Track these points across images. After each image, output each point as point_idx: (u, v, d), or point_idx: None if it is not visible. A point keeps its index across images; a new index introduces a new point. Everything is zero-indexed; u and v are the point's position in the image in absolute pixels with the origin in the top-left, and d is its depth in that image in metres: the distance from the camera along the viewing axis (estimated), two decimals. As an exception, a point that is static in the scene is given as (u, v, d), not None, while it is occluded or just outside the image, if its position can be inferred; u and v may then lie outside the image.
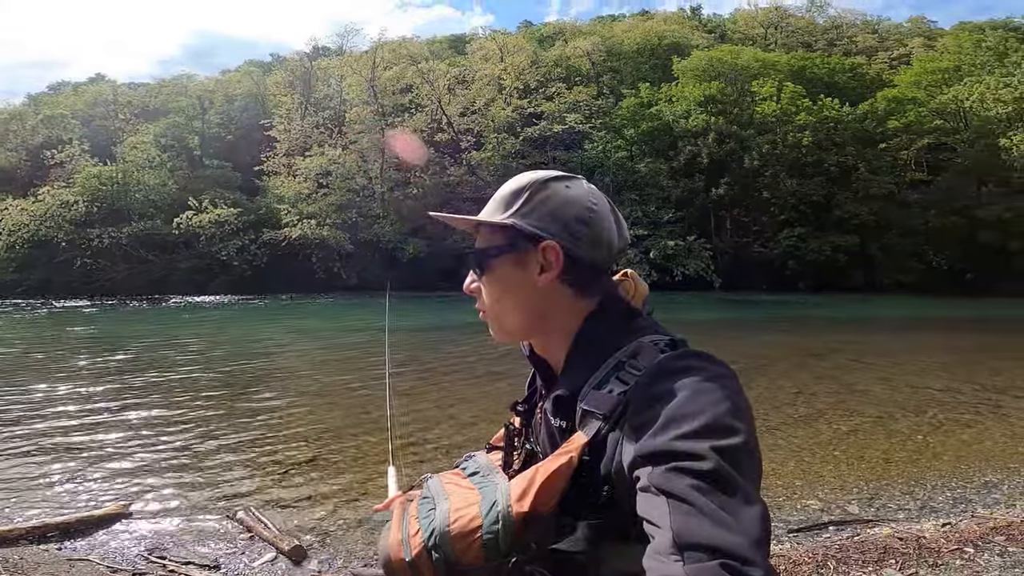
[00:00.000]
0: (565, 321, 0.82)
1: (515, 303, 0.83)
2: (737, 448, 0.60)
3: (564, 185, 0.83)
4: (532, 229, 0.80)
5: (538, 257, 0.80)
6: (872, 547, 2.69)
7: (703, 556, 0.51)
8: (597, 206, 0.83)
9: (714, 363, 0.71)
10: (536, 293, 0.81)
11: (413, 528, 0.80)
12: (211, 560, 2.96)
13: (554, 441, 0.79)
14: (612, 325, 0.80)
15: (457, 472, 0.91)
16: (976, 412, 5.91)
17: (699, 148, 33.23)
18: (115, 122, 39.26)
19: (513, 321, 0.84)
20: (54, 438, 5.00)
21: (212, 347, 11.13)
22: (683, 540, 0.53)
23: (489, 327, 0.88)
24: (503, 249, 0.82)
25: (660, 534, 0.55)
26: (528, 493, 0.72)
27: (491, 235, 0.84)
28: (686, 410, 0.62)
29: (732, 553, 0.51)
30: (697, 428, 0.60)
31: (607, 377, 0.74)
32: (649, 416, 0.64)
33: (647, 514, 0.58)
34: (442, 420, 5.55)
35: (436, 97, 36.11)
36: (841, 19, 52.76)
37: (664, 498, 0.57)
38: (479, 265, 0.85)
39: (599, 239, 0.82)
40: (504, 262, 0.82)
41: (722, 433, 0.60)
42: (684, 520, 0.54)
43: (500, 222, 0.82)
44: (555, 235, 0.79)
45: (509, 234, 0.82)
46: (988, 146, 31.00)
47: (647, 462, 0.61)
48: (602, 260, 0.83)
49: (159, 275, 31.23)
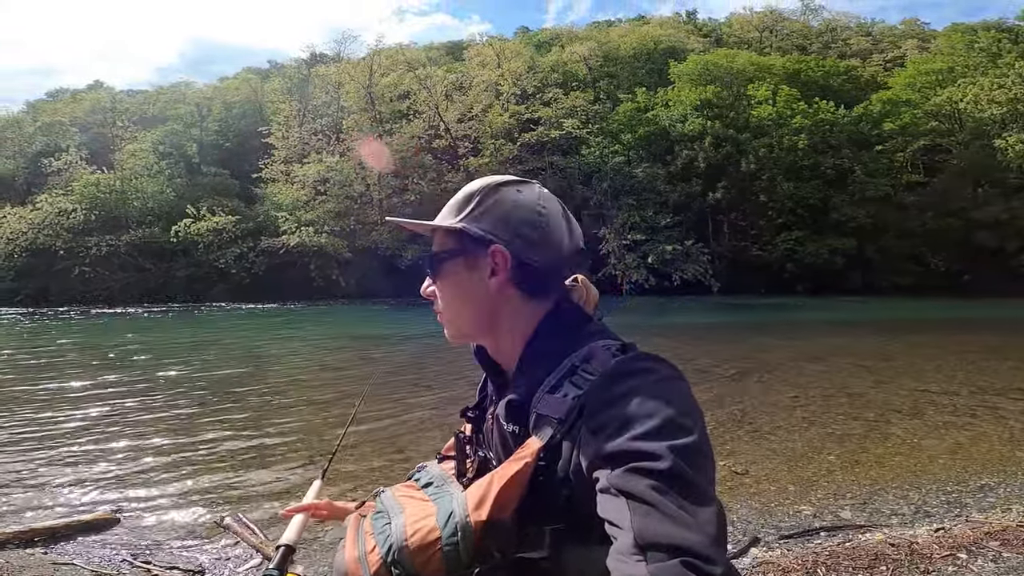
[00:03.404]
0: (516, 323, 0.83)
1: (467, 305, 0.85)
2: (692, 447, 0.61)
3: (515, 190, 0.85)
4: (480, 233, 0.81)
5: (488, 260, 0.81)
6: (863, 553, 2.66)
7: (664, 555, 0.52)
8: (546, 209, 0.84)
9: (665, 365, 0.72)
10: (487, 295, 0.82)
11: (369, 544, 0.78)
12: (196, 565, 2.94)
13: (507, 446, 0.79)
14: (565, 329, 0.81)
15: (410, 484, 0.89)
16: (973, 415, 5.87)
17: (696, 152, 33.33)
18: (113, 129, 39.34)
19: (466, 322, 0.86)
20: (43, 444, 4.97)
21: (204, 354, 11.10)
22: (644, 540, 0.54)
23: (444, 328, 0.89)
24: (455, 252, 0.84)
25: (622, 535, 0.56)
26: (485, 501, 0.71)
27: (444, 239, 0.86)
28: (641, 411, 0.64)
29: (693, 551, 0.52)
30: (653, 428, 0.61)
31: (561, 381, 0.74)
32: (605, 419, 0.65)
33: (608, 515, 0.59)
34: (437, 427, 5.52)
35: (433, 103, 36.22)
36: (835, 22, 53.17)
37: (624, 499, 0.57)
38: (432, 268, 0.87)
39: (548, 242, 0.83)
40: (456, 265, 0.84)
41: (677, 433, 0.61)
42: (644, 520, 0.55)
43: (450, 226, 0.84)
44: (503, 239, 0.80)
45: (460, 238, 0.83)
46: (983, 147, 31.16)
47: (605, 464, 0.62)
48: (552, 263, 0.83)
49: (157, 283, 31.23)
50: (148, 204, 33.19)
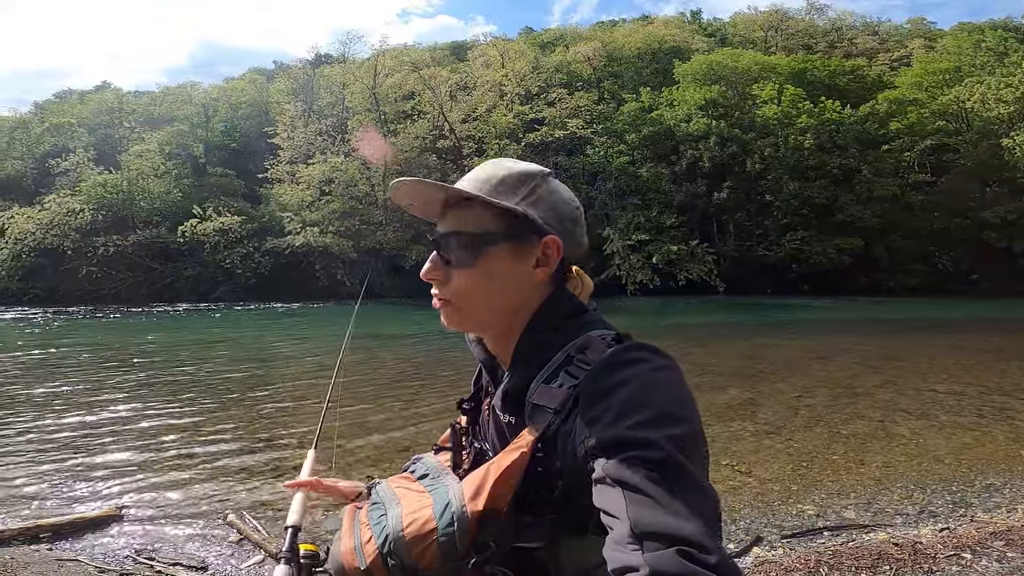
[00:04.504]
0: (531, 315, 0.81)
1: (500, 294, 0.79)
2: (686, 436, 0.61)
3: (558, 183, 0.85)
4: (541, 221, 0.78)
5: (538, 251, 0.78)
6: (867, 553, 2.64)
7: (661, 544, 0.52)
8: (581, 207, 0.85)
9: (659, 355, 0.71)
10: (526, 287, 0.79)
11: (365, 535, 0.78)
12: (199, 562, 2.96)
13: (503, 437, 0.79)
14: (561, 320, 0.80)
15: (406, 475, 0.90)
16: (980, 415, 5.83)
17: (701, 152, 33.18)
18: (120, 130, 39.59)
19: (489, 312, 0.80)
20: (47, 441, 5.01)
21: (210, 352, 11.15)
22: (640, 529, 0.54)
23: (445, 313, 0.82)
24: (506, 236, 0.78)
25: (618, 524, 0.56)
26: (482, 491, 0.71)
27: (487, 218, 0.78)
28: (637, 401, 0.64)
29: (688, 540, 0.52)
30: (648, 418, 0.62)
31: (556, 371, 0.74)
32: (601, 408, 0.65)
33: (604, 505, 0.59)
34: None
35: (438, 104, 36.25)
36: (841, 21, 52.80)
37: (620, 488, 0.58)
38: (471, 249, 0.77)
39: (581, 240, 0.84)
40: (502, 250, 0.78)
41: (672, 422, 0.62)
42: (640, 510, 0.55)
43: (510, 207, 0.77)
44: (557, 230, 0.79)
45: (515, 221, 0.78)
46: (991, 147, 30.88)
47: (601, 453, 0.62)
48: (576, 260, 0.84)
49: (164, 283, 31.39)
50: (155, 204, 33.31)
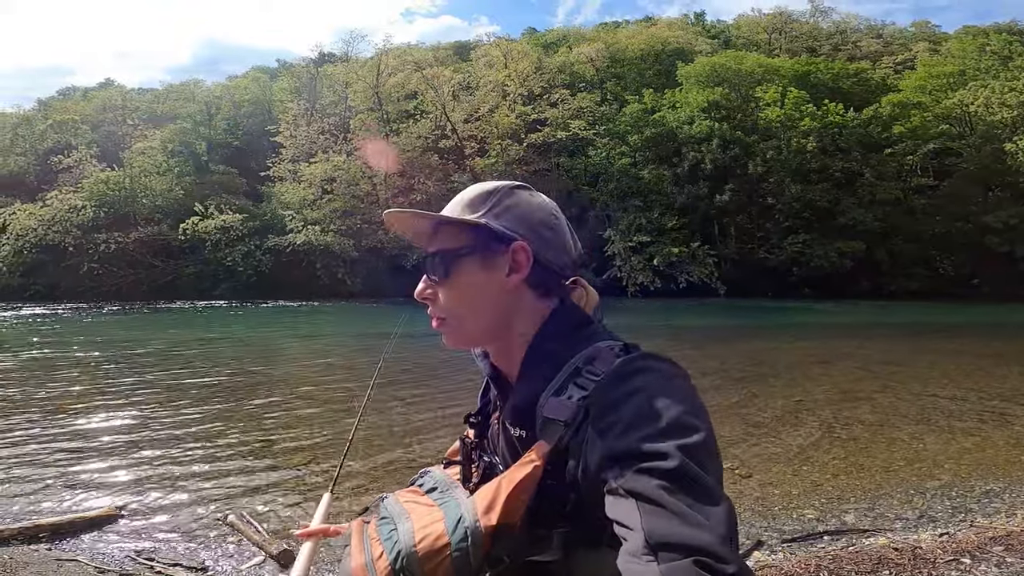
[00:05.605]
0: (527, 326, 0.82)
1: (480, 307, 0.82)
2: (699, 445, 0.61)
3: (529, 193, 0.86)
4: (503, 229, 0.80)
5: (507, 258, 0.80)
6: (866, 557, 2.64)
7: (676, 555, 0.51)
8: (558, 215, 0.86)
9: (668, 364, 0.71)
10: (503, 295, 0.81)
11: (376, 551, 0.77)
12: (198, 562, 2.96)
13: (515, 451, 0.79)
14: (567, 331, 0.80)
15: (414, 489, 0.89)
16: (980, 420, 5.82)
17: (703, 154, 33.17)
18: (123, 127, 39.67)
19: (476, 325, 0.84)
20: (47, 440, 5.01)
21: (210, 352, 11.17)
22: (655, 540, 0.53)
23: (444, 334, 0.86)
24: (472, 249, 0.82)
25: (632, 536, 0.55)
26: (495, 505, 0.71)
27: (456, 236, 0.83)
28: (648, 411, 0.63)
29: (704, 550, 0.51)
30: (660, 428, 0.61)
31: (565, 383, 0.73)
32: (612, 419, 0.65)
33: (617, 516, 0.58)
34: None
35: (440, 103, 36.29)
36: (845, 24, 52.80)
37: (633, 500, 0.57)
38: (445, 266, 0.83)
39: (562, 244, 0.84)
40: (472, 263, 0.82)
41: (684, 431, 0.61)
42: (654, 520, 0.54)
43: (472, 220, 0.81)
44: (524, 237, 0.80)
45: (479, 234, 0.81)
46: (994, 151, 30.85)
47: (613, 464, 0.61)
48: (563, 265, 0.84)
49: (165, 280, 31.45)
50: (157, 202, 33.39)
